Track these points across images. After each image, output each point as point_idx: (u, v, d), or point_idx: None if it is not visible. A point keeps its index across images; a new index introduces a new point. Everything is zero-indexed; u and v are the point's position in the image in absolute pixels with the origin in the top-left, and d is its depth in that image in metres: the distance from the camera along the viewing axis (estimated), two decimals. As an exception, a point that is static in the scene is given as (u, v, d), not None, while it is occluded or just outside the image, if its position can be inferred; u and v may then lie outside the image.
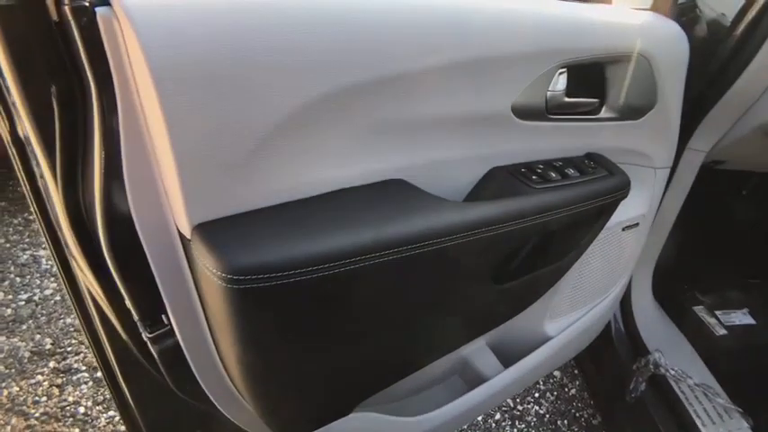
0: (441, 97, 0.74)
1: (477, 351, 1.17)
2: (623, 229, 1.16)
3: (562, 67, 0.84)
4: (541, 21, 0.80)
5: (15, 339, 1.95)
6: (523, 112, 0.84)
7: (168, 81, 0.52)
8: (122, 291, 0.69)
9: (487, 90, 0.78)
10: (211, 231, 0.60)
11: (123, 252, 0.64)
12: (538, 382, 1.84)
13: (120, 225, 0.62)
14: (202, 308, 0.70)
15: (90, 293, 0.80)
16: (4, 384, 1.77)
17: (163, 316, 0.72)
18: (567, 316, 1.21)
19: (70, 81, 0.57)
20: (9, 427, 1.62)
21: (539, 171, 0.88)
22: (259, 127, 0.58)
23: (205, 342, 0.74)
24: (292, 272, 0.60)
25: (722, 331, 1.53)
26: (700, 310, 1.59)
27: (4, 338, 1.95)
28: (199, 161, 0.56)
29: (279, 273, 0.59)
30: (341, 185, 0.70)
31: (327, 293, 0.65)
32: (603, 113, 0.97)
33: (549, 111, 0.87)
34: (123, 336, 0.76)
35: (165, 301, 0.68)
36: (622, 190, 0.99)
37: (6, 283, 2.22)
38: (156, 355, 0.75)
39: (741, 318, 1.58)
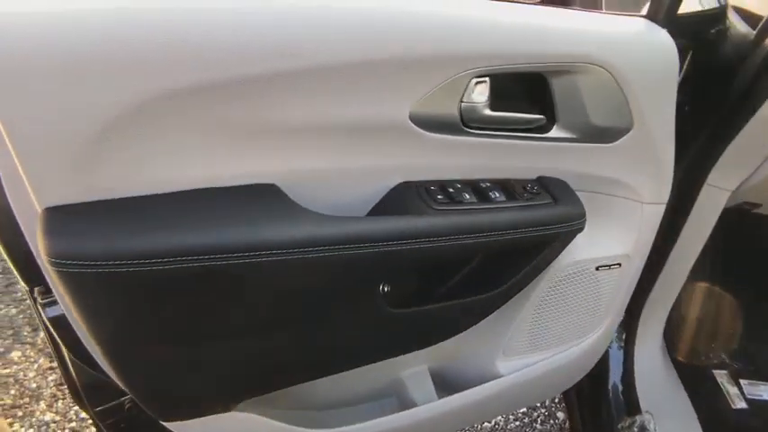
0: (317, 102, 0.67)
1: (416, 375, 1.09)
2: (597, 269, 1.01)
3: (479, 76, 0.73)
4: (444, 22, 0.69)
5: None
6: (430, 124, 0.74)
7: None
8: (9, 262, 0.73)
9: (377, 97, 0.69)
10: (52, 215, 0.61)
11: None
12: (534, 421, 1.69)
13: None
14: None
15: None
16: None
17: None
18: (524, 356, 1.08)
19: None
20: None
21: (450, 191, 0.78)
22: (97, 120, 0.58)
23: None
24: (111, 262, 0.60)
25: (741, 404, 1.30)
26: (721, 374, 1.36)
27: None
28: (39, 149, 0.58)
29: (96, 262, 0.60)
30: (207, 185, 0.68)
31: (159, 289, 0.64)
32: (555, 132, 0.83)
33: (467, 124, 0.77)
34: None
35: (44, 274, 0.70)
36: (571, 222, 0.85)
37: None
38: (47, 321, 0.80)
39: (771, 392, 1.34)
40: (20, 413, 1.78)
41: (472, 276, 0.88)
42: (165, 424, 0.86)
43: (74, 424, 1.74)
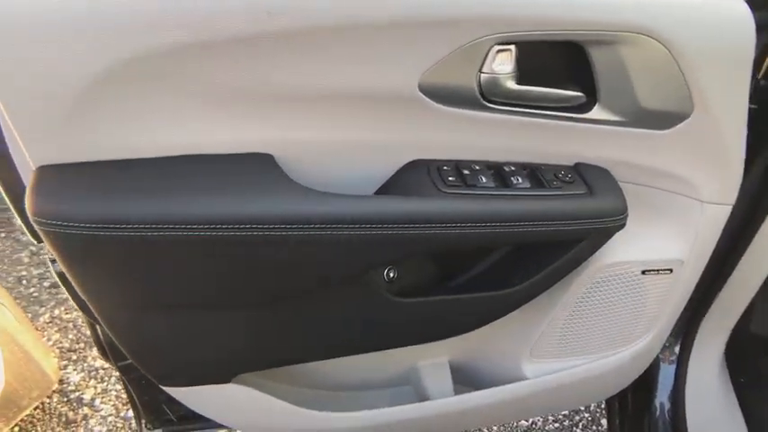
0: (312, 67, 0.61)
1: (434, 366, 1.02)
2: (643, 273, 0.89)
3: (500, 43, 0.64)
4: None
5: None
6: (445, 96, 0.66)
7: None
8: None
9: (379, 63, 0.62)
10: (42, 173, 0.61)
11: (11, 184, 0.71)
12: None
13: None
14: None
15: None
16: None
17: None
18: (554, 361, 0.98)
19: None
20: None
21: (465, 173, 0.70)
22: (83, 78, 0.57)
23: None
24: (89, 225, 0.60)
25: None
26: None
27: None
28: (29, 108, 0.58)
29: (74, 223, 0.60)
30: (200, 151, 0.65)
31: (140, 255, 0.63)
32: (596, 113, 0.72)
33: (488, 98, 0.68)
34: None
35: None
36: (608, 217, 0.75)
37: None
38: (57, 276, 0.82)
39: None
40: (74, 357, 1.88)
41: (491, 270, 0.80)
42: (164, 388, 0.85)
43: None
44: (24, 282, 2.19)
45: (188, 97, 0.61)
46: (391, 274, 0.77)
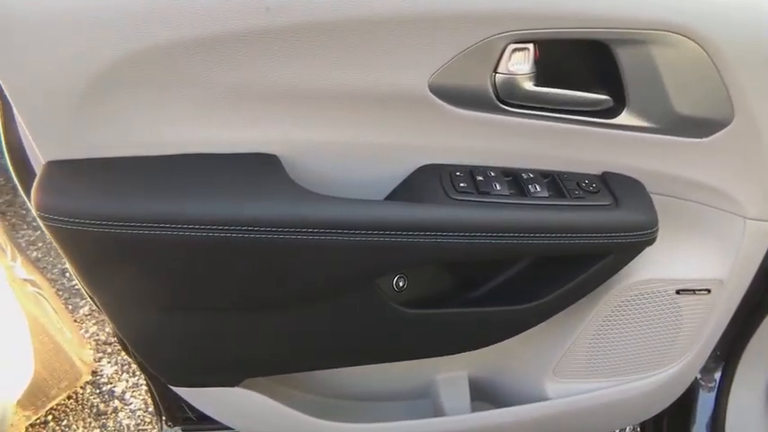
0: (318, 64, 0.59)
1: (452, 380, 0.98)
2: (678, 292, 0.83)
3: (518, 41, 0.59)
4: None
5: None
6: (457, 97, 0.62)
7: None
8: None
9: (387, 62, 0.59)
10: (49, 169, 0.62)
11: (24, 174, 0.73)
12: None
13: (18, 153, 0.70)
14: None
15: None
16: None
17: None
18: (579, 382, 0.92)
19: None
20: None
21: (478, 179, 0.66)
22: (87, 74, 0.57)
23: None
24: (88, 221, 0.60)
25: None
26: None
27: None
28: (36, 104, 0.58)
29: (75, 219, 0.60)
30: (203, 150, 0.64)
31: (143, 253, 0.63)
32: (625, 119, 0.67)
33: (505, 101, 0.63)
34: None
35: None
36: (636, 231, 0.69)
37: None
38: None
39: None
40: (109, 350, 1.92)
41: (506, 283, 0.75)
42: (172, 389, 0.85)
43: (151, 368, 1.85)
44: (68, 274, 2.26)
45: (191, 94, 0.60)
46: (401, 284, 0.74)
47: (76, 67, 0.56)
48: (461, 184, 0.65)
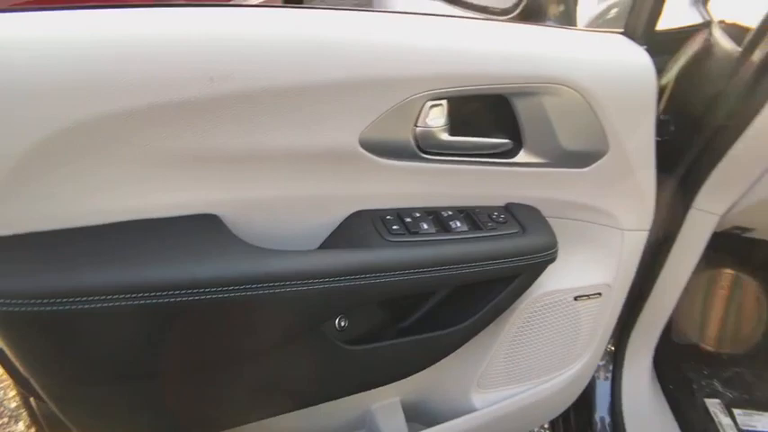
0: (257, 128, 0.63)
1: (387, 407, 1.03)
2: (576, 299, 0.95)
3: (434, 99, 0.68)
4: (391, 42, 0.64)
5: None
6: (384, 150, 0.69)
7: None
8: None
9: (322, 122, 0.64)
10: None
11: None
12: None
13: None
14: None
15: None
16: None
17: None
18: (501, 389, 1.02)
19: None
20: None
21: (407, 221, 0.73)
22: (20, 147, 0.55)
23: None
24: (28, 300, 0.57)
25: (737, 438, 1.23)
26: (713, 404, 1.29)
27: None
28: None
29: (13, 300, 0.57)
30: (144, 215, 0.64)
31: (90, 327, 0.61)
32: (523, 157, 0.78)
33: (424, 150, 0.71)
34: None
35: None
36: (541, 252, 0.80)
37: None
38: None
39: (766, 424, 1.27)
40: (-5, 433, 1.74)
41: (435, 311, 0.83)
42: None
43: (49, 446, 1.69)
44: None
45: (131, 162, 0.61)
46: (342, 323, 0.79)
47: (9, 140, 0.55)
48: (394, 227, 0.71)
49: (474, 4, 0.85)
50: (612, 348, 1.21)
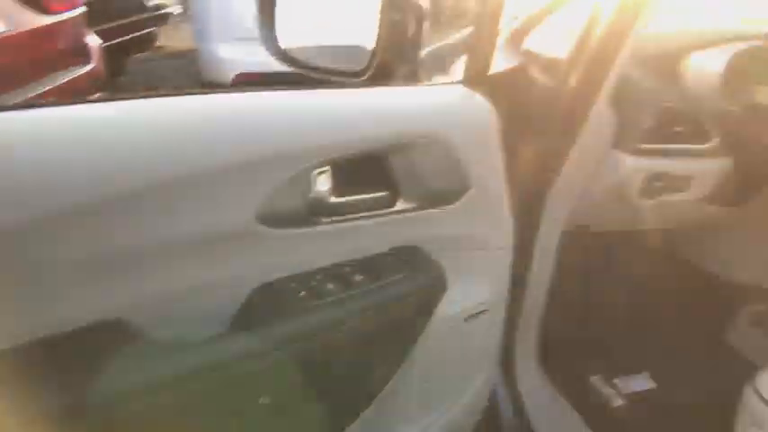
0: (152, 223, 0.64)
1: None
2: (466, 320, 1.05)
3: (321, 165, 0.74)
4: (269, 122, 0.70)
5: None
6: (279, 222, 0.73)
7: None
8: None
9: (216, 206, 0.67)
10: None
11: None
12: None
13: None
14: None
15: None
16: None
17: None
18: (420, 420, 1.08)
19: None
20: None
21: (312, 284, 0.77)
22: None
23: None
24: None
25: (619, 401, 1.41)
26: (596, 380, 1.47)
27: None
28: None
29: None
30: (42, 333, 0.60)
31: None
32: (401, 205, 0.86)
33: (316, 215, 0.77)
34: None
35: None
36: (432, 286, 0.88)
37: None
38: None
39: (641, 383, 1.47)
40: None
41: (350, 365, 0.87)
42: None
43: None
44: None
45: (21, 278, 0.58)
46: (265, 400, 0.80)
47: None
48: (301, 293, 0.75)
49: (331, 70, 0.93)
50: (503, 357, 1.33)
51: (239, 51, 3.82)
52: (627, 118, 1.07)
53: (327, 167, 0.75)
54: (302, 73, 0.98)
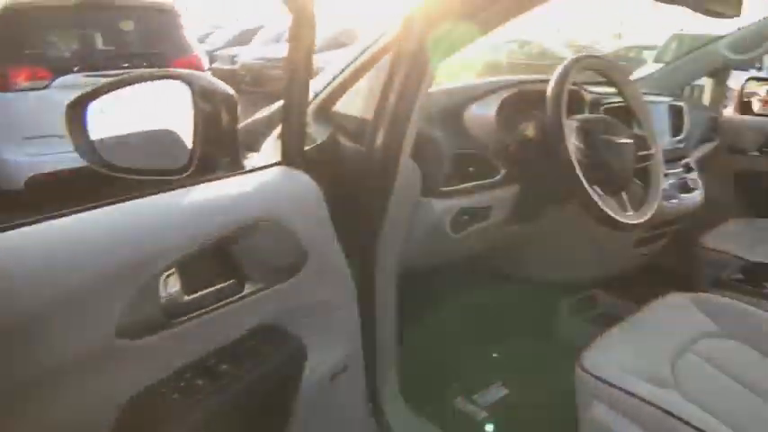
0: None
1: None
2: (331, 379, 1.10)
3: (167, 269, 0.76)
4: (122, 234, 0.72)
5: None
6: (138, 331, 0.73)
7: None
8: None
9: (75, 330, 0.66)
10: None
11: None
12: None
13: None
14: None
15: None
16: None
17: None
18: None
19: None
20: None
21: (182, 385, 0.77)
22: None
23: None
24: None
25: (483, 414, 1.55)
26: (459, 401, 1.60)
27: None
28: None
29: None
30: None
31: None
32: (250, 287, 0.90)
33: (173, 315, 0.78)
34: None
35: None
36: (293, 357, 0.93)
37: None
38: None
39: (495, 393, 1.63)
40: None
41: None
42: None
43: None
44: None
45: None
46: None
47: None
48: (174, 396, 0.75)
49: (154, 170, 0.94)
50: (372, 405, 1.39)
51: (28, 151, 3.53)
52: (428, 168, 1.23)
53: (173, 270, 0.77)
54: (123, 177, 0.98)
